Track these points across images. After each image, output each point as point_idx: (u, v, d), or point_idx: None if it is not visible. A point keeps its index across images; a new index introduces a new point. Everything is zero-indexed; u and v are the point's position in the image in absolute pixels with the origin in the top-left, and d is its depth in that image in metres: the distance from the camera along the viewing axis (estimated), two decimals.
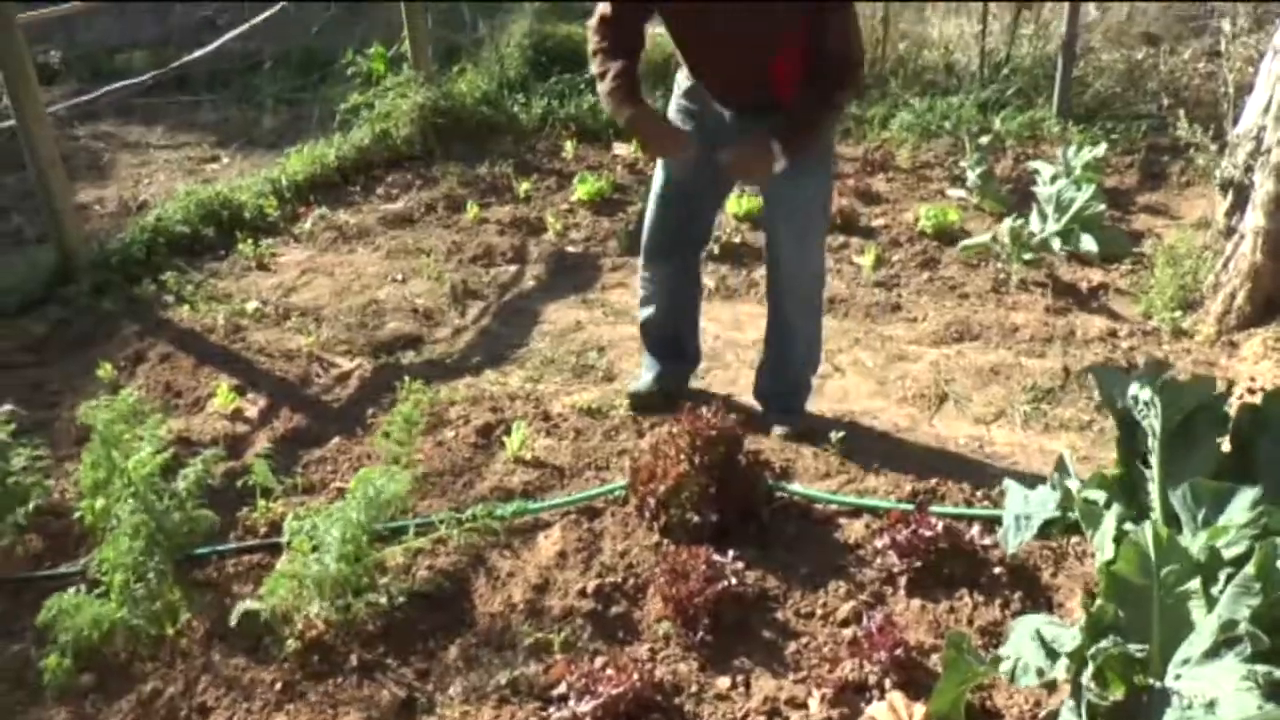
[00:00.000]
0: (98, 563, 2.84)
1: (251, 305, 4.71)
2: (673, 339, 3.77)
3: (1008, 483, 2.81)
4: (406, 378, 3.88)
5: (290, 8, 7.26)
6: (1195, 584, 2.11)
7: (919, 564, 2.79)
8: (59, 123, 5.49)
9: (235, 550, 3.10)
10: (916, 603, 2.74)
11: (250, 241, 5.33)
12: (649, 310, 3.71)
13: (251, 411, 3.91)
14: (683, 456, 2.98)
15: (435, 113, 6.61)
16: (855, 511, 3.08)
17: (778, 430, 3.53)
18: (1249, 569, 2.00)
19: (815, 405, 3.74)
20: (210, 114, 7.93)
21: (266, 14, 6.56)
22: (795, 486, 3.18)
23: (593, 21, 3.29)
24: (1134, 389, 2.59)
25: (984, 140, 5.97)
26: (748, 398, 3.77)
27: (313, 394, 4.03)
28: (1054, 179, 5.17)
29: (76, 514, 3.00)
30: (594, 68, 3.30)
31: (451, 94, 6.84)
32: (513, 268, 5.18)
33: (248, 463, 3.37)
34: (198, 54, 6.46)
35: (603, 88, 3.26)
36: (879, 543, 2.88)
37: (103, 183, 6.67)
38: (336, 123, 6.73)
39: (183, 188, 6.00)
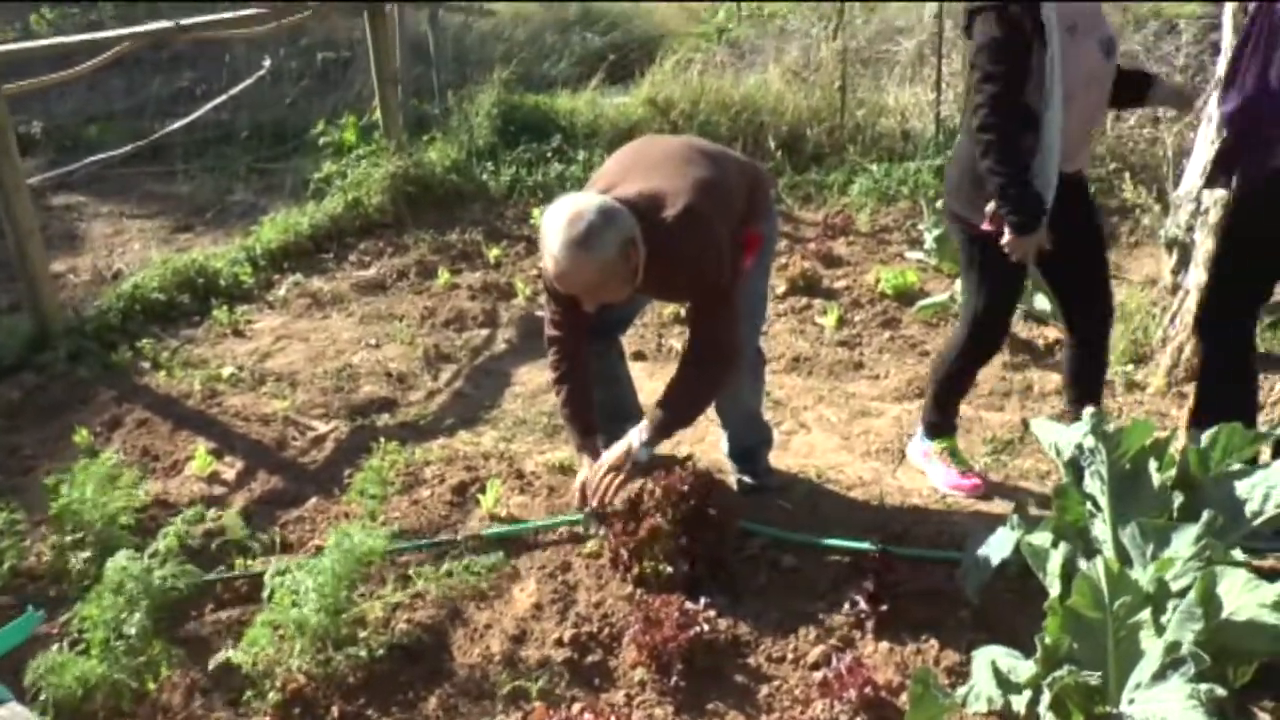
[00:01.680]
0: (79, 620, 2.89)
1: (227, 371, 4.78)
2: (613, 408, 3.76)
3: (968, 528, 2.93)
4: (382, 439, 3.97)
5: (266, 79, 7.41)
6: (1146, 615, 2.22)
7: (886, 608, 2.88)
8: (34, 193, 5.57)
9: (220, 580, 3.17)
10: (884, 645, 2.83)
11: (225, 308, 5.42)
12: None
13: (229, 474, 3.96)
14: (656, 511, 3.07)
15: (406, 181, 6.77)
16: (823, 560, 3.18)
17: (745, 484, 3.64)
18: (1191, 596, 2.12)
19: (781, 461, 3.84)
20: (184, 184, 8.04)
21: (243, 85, 6.69)
22: (767, 528, 3.30)
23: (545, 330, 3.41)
24: (1078, 437, 2.72)
25: (940, 204, 6.16)
26: (716, 454, 3.87)
27: (289, 456, 4.09)
28: None
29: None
30: (549, 372, 3.42)
31: (422, 163, 7.00)
32: (484, 331, 5.28)
33: (225, 523, 3.43)
34: (176, 125, 6.56)
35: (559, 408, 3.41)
36: (847, 588, 2.97)
37: (77, 252, 6.75)
38: (309, 192, 6.86)
39: (157, 256, 6.09)
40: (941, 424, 3.71)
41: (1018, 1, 2.97)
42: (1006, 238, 3.14)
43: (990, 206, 3.15)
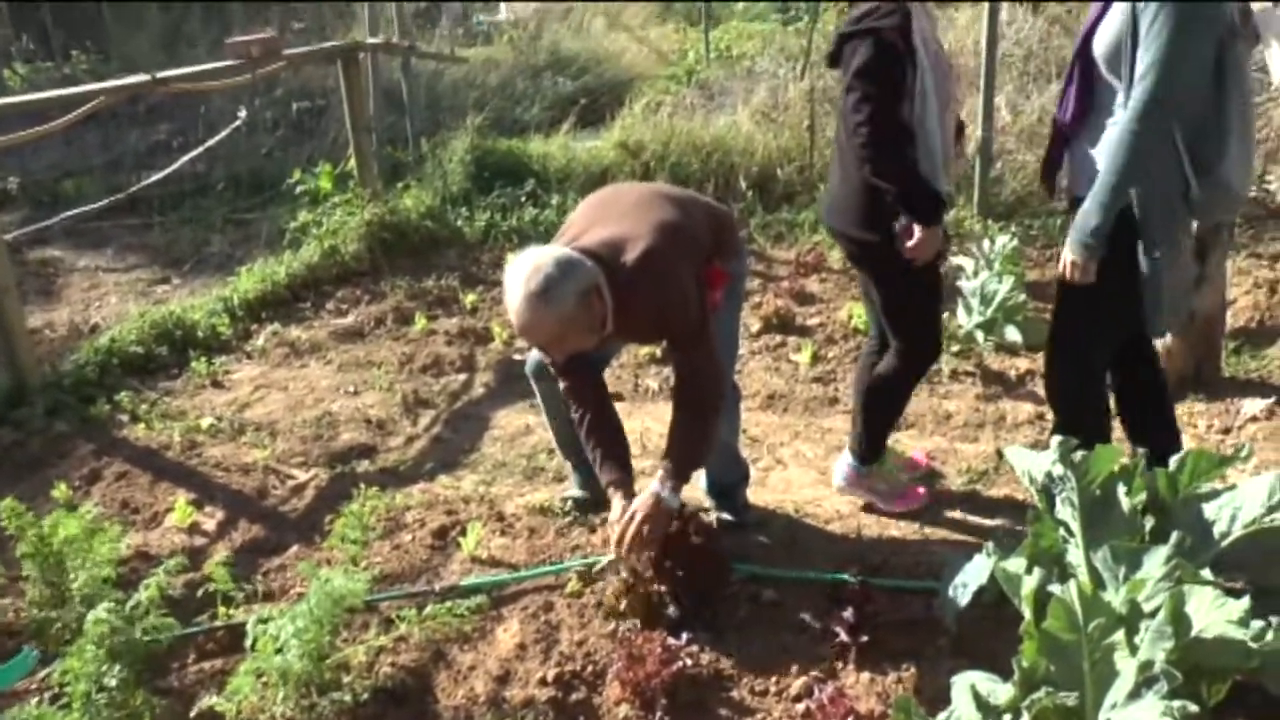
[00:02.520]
0: (60, 674, 2.88)
1: (206, 421, 4.79)
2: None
3: (945, 557, 2.97)
4: (362, 485, 3.98)
5: (241, 130, 7.47)
6: (1119, 635, 2.26)
7: (866, 638, 2.91)
8: (10, 249, 5.59)
9: (202, 630, 3.20)
10: (866, 675, 2.86)
11: (204, 359, 5.44)
12: (555, 425, 3.78)
13: (209, 524, 3.97)
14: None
15: (382, 228, 6.82)
16: (803, 593, 3.21)
17: (725, 521, 3.67)
18: (1162, 615, 2.16)
19: (759, 497, 3.88)
20: (160, 236, 8.06)
21: (218, 137, 6.75)
22: (753, 567, 3.34)
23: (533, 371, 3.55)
24: (1048, 465, 2.77)
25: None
26: (695, 491, 3.89)
27: (270, 505, 4.10)
28: (976, 273, 5.44)
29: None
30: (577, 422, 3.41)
31: (397, 210, 7.06)
32: (462, 376, 5.32)
33: (207, 573, 3.43)
34: (153, 178, 6.60)
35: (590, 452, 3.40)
36: (827, 620, 3.00)
37: (53, 306, 6.75)
38: (286, 241, 6.89)
39: (135, 309, 6.11)
40: (876, 450, 3.78)
41: (893, 27, 3.13)
42: (914, 235, 3.26)
43: (899, 223, 3.28)
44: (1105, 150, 2.89)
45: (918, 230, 3.25)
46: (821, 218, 3.72)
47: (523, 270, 2.94)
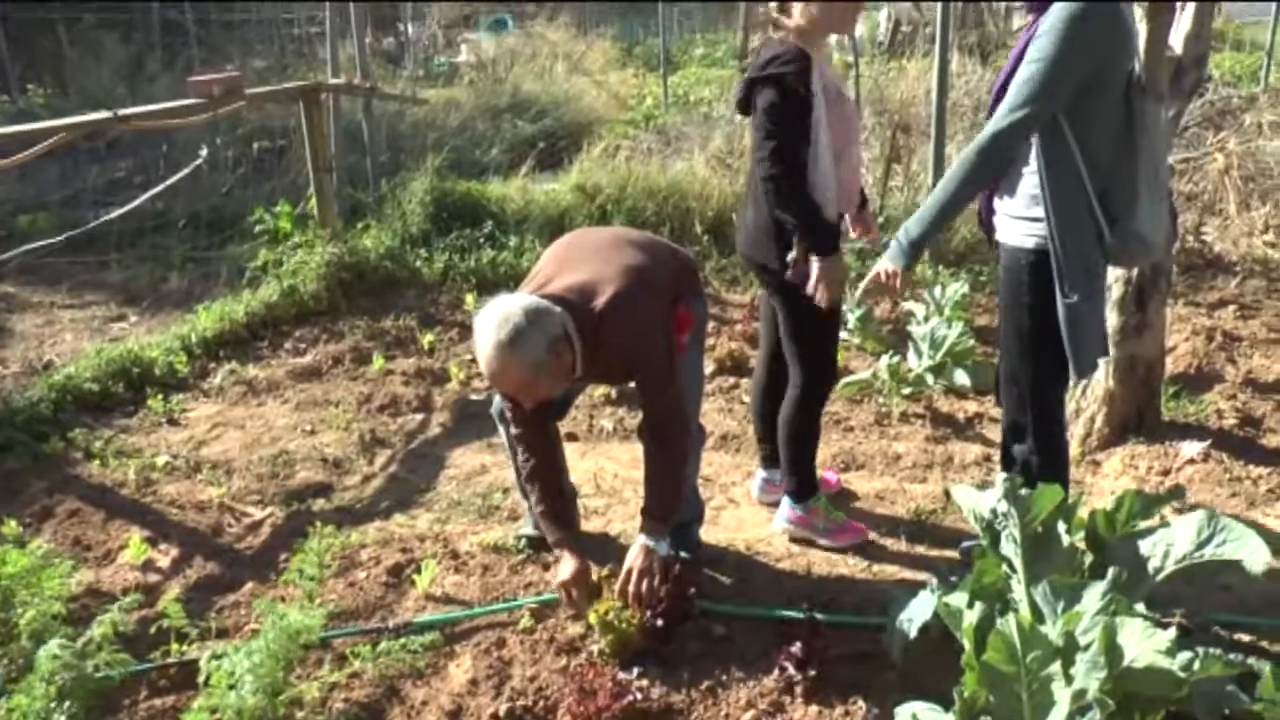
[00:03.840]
0: (6, 711, 2.87)
1: (162, 459, 4.78)
2: None
3: (893, 593, 3.04)
4: (318, 523, 3.99)
5: (203, 167, 7.49)
6: (1056, 666, 2.34)
7: (814, 673, 2.97)
8: None
9: (155, 667, 3.19)
10: (814, 708, 2.91)
11: (160, 397, 5.43)
12: (515, 463, 3.88)
13: (163, 562, 3.96)
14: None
15: (341, 268, 6.86)
16: (753, 628, 3.27)
17: (678, 558, 3.72)
18: (1095, 646, 2.24)
19: (711, 535, 3.94)
20: (117, 273, 8.04)
21: (179, 175, 6.76)
22: (704, 603, 3.39)
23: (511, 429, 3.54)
24: (991, 502, 2.86)
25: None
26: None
27: (225, 543, 4.10)
28: (927, 318, 5.56)
29: None
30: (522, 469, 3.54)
31: (356, 250, 7.10)
32: (419, 416, 5.35)
33: (161, 609, 3.42)
34: (111, 215, 6.60)
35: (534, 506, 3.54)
36: (776, 655, 3.06)
37: (6, 343, 6.70)
38: (245, 280, 6.90)
39: (90, 346, 6.09)
40: (808, 485, 3.93)
41: (795, 73, 3.37)
42: (814, 269, 3.48)
43: (791, 255, 3.50)
44: (949, 169, 3.07)
45: (815, 261, 3.47)
46: (739, 249, 3.89)
47: (492, 320, 3.01)
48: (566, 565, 3.33)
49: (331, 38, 8.78)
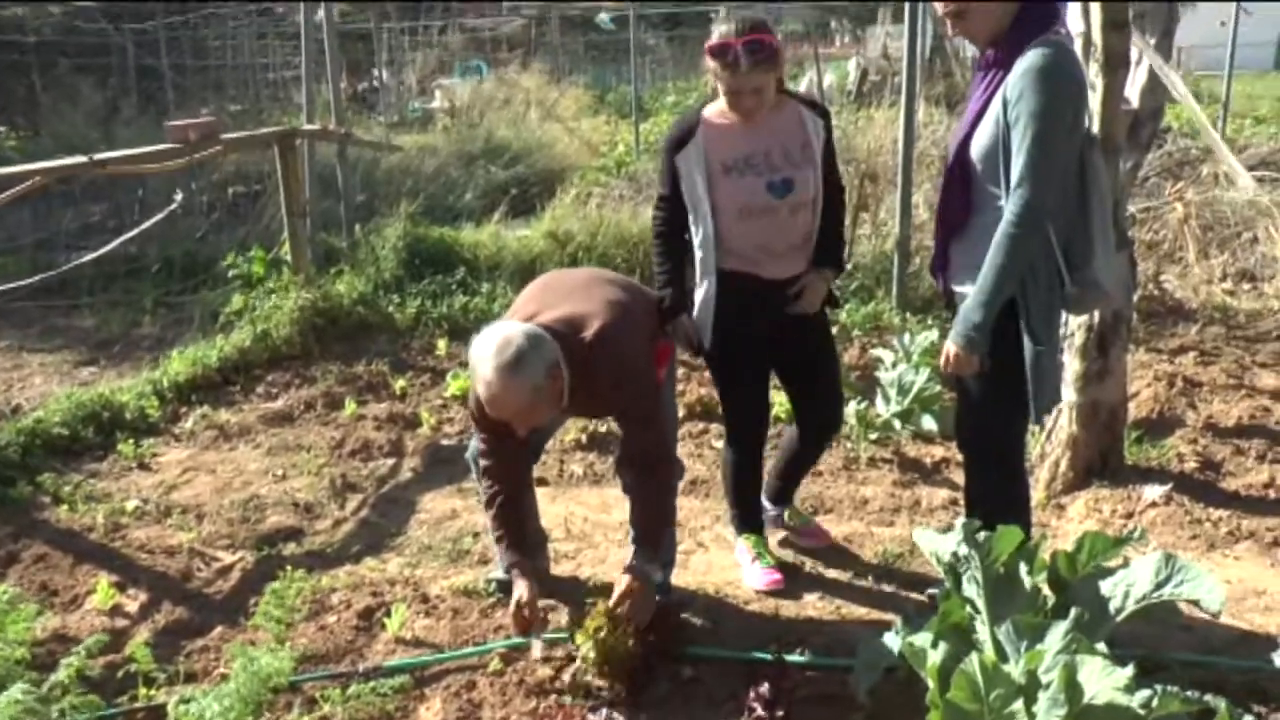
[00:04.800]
0: None
1: (132, 504, 4.76)
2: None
3: (860, 635, 3.08)
4: (288, 568, 4.00)
5: (177, 212, 7.51)
6: (1019, 705, 2.38)
7: (782, 714, 2.99)
8: None
9: (122, 711, 3.16)
10: None
11: (131, 442, 5.42)
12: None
13: (132, 606, 3.94)
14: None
15: (314, 313, 6.88)
16: (721, 670, 3.30)
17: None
18: (1055, 684, 2.29)
19: (680, 578, 3.96)
20: (88, 318, 8.03)
21: (154, 220, 6.78)
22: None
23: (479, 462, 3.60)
24: (953, 545, 2.91)
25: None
26: (617, 574, 3.98)
27: (194, 587, 4.09)
28: (895, 364, 5.64)
29: None
30: (483, 500, 3.63)
31: (329, 295, 7.13)
32: (390, 461, 5.36)
33: (129, 653, 3.42)
34: (85, 259, 6.60)
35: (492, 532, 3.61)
36: (744, 697, 3.08)
37: None
38: (218, 325, 6.91)
39: (60, 391, 6.07)
40: (744, 519, 4.08)
41: (673, 138, 3.67)
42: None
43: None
44: (989, 252, 3.08)
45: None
46: None
47: (492, 343, 3.06)
48: (519, 587, 3.37)
49: (307, 83, 8.84)
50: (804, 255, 3.74)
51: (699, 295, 3.72)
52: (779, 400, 4.75)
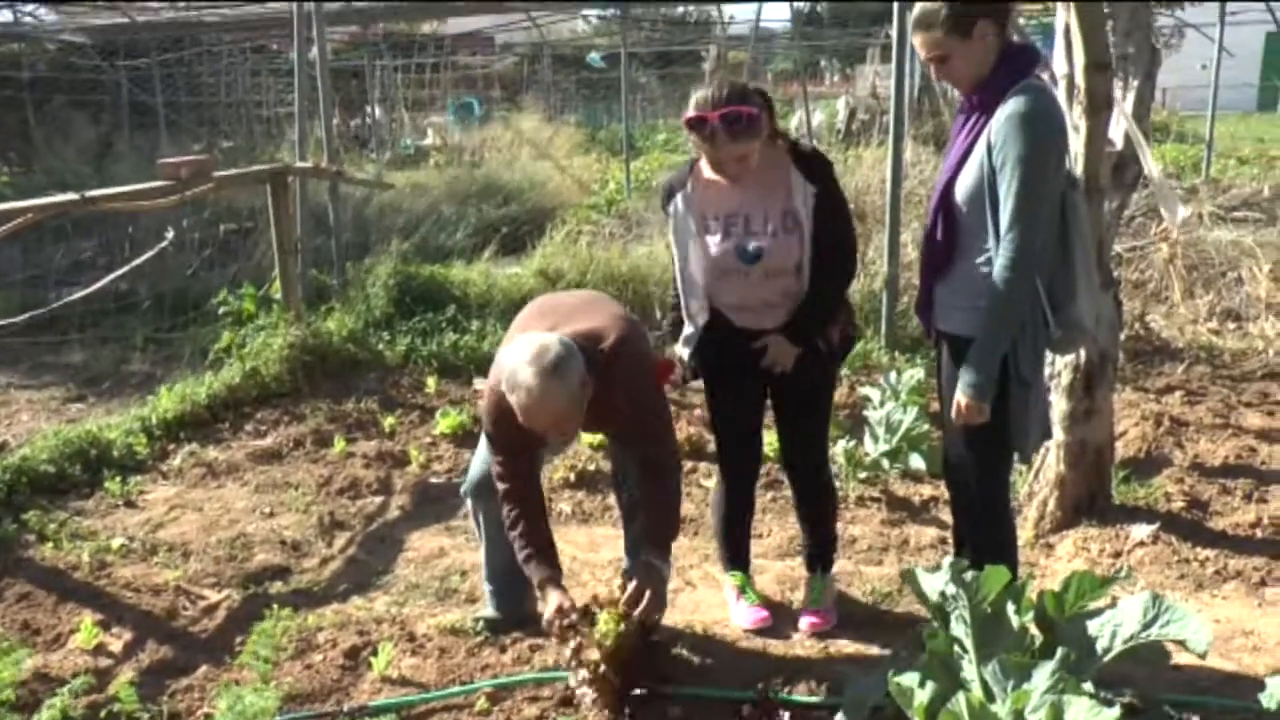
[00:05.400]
0: None
1: (118, 542, 4.74)
2: (508, 567, 3.90)
3: (849, 674, 3.08)
4: (275, 606, 3.98)
5: (168, 249, 7.51)
6: None
7: None
8: None
9: None
10: None
11: (118, 479, 5.40)
12: (485, 545, 3.96)
13: (116, 646, 3.91)
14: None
15: (304, 351, 6.87)
16: (709, 709, 3.29)
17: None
18: None
19: (668, 617, 3.93)
20: (77, 354, 8.00)
21: (145, 256, 6.79)
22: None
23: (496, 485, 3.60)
24: (940, 584, 2.92)
25: None
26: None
27: (180, 626, 4.07)
28: (883, 403, 5.65)
29: None
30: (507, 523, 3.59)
31: (320, 332, 7.13)
32: (378, 499, 5.35)
33: (113, 693, 3.39)
34: (75, 296, 6.59)
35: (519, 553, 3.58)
36: None
37: None
38: (208, 362, 6.91)
39: (47, 428, 6.05)
40: (730, 558, 4.10)
41: (672, 180, 3.76)
42: None
43: None
44: (986, 301, 3.11)
45: None
46: None
47: (528, 351, 3.12)
48: (552, 600, 3.40)
49: (300, 119, 8.90)
50: (784, 311, 3.68)
51: (686, 329, 3.78)
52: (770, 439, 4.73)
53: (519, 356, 3.11)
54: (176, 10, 15.14)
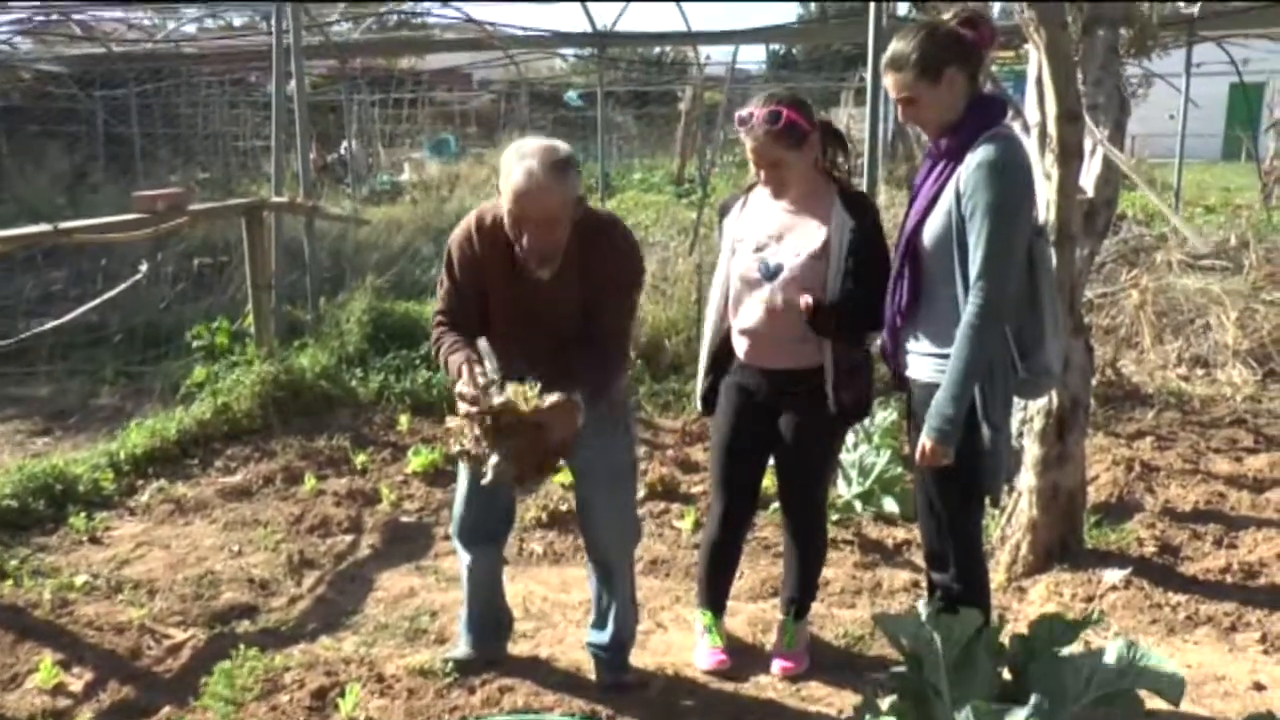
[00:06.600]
0: None
1: (81, 579, 4.66)
2: (486, 610, 3.94)
3: (819, 717, 3.06)
4: (242, 646, 3.93)
5: (142, 282, 7.45)
6: None
7: None
8: None
9: None
10: None
11: (83, 515, 5.31)
12: (468, 587, 3.92)
13: (76, 686, 3.84)
14: None
15: (276, 387, 6.82)
16: None
17: (608, 682, 3.72)
18: None
19: (639, 659, 3.92)
20: (44, 387, 7.90)
21: (118, 289, 6.74)
22: None
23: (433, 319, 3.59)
24: (913, 628, 2.92)
25: None
26: (575, 654, 3.95)
27: (143, 666, 3.99)
28: (856, 445, 5.66)
29: None
30: (434, 349, 3.54)
31: (292, 369, 7.08)
32: (349, 537, 5.29)
33: None
34: (45, 328, 6.54)
35: (440, 356, 3.45)
36: None
37: None
38: (179, 396, 6.84)
39: (11, 462, 5.96)
40: (705, 593, 4.08)
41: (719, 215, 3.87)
42: None
43: None
44: (954, 347, 3.13)
45: None
46: None
47: (535, 145, 3.16)
48: (466, 374, 3.19)
49: (276, 153, 8.89)
50: (790, 356, 3.65)
51: (702, 359, 3.94)
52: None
53: (530, 145, 3.14)
54: (155, 42, 15.14)
